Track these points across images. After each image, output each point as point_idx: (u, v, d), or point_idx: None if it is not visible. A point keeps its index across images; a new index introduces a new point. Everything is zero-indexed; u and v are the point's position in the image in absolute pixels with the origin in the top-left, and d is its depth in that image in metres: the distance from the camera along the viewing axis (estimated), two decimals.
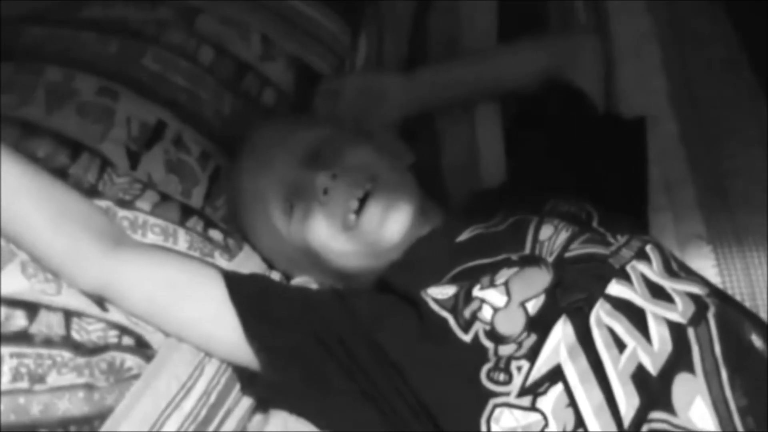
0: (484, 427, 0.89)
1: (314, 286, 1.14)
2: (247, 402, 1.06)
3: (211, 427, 1.01)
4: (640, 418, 0.84)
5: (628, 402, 0.85)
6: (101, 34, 1.21)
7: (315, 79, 1.38)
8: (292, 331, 1.01)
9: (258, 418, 1.07)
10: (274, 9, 1.37)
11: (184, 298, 1.02)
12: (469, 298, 0.96)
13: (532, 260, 0.99)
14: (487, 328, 0.93)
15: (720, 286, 1.11)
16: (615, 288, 0.93)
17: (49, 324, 0.94)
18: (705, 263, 1.16)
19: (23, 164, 0.98)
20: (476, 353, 0.92)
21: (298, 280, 1.15)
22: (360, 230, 1.06)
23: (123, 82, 1.17)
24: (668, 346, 0.88)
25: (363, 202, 1.06)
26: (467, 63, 1.35)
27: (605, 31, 1.37)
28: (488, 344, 0.92)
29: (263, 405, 1.07)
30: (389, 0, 1.49)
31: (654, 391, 0.85)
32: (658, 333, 0.88)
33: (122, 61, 1.20)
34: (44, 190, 0.99)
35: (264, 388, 1.04)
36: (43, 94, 1.11)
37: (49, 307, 0.95)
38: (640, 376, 0.86)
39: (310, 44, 1.39)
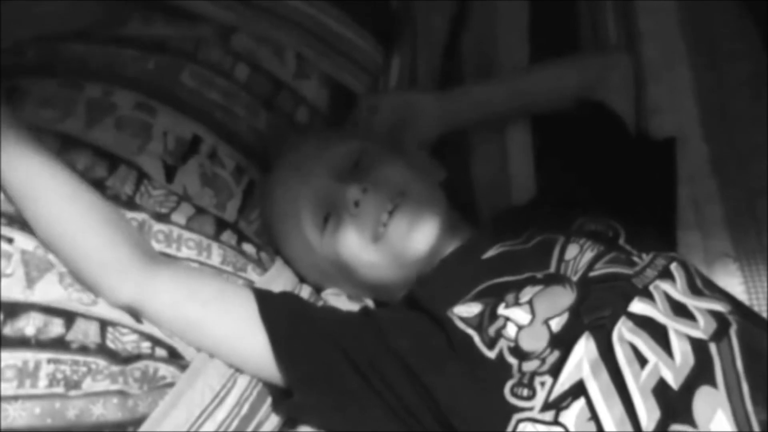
0: None
1: (344, 298, 1.16)
2: (278, 417, 1.06)
3: None
4: (661, 431, 0.84)
5: (649, 415, 0.85)
6: (140, 52, 1.24)
7: (348, 97, 1.41)
8: (322, 353, 1.02)
9: None
10: (308, 28, 1.39)
11: (216, 317, 1.04)
12: (494, 316, 0.97)
13: (557, 279, 1.00)
14: (512, 345, 0.94)
15: (747, 303, 1.11)
16: (637, 306, 0.94)
17: (85, 332, 0.96)
18: (732, 281, 1.16)
19: (69, 172, 1.01)
20: (500, 369, 0.93)
21: (328, 292, 1.17)
22: (387, 240, 1.07)
23: (160, 98, 1.19)
24: (690, 361, 0.88)
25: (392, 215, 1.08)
26: (501, 82, 1.36)
27: (636, 50, 1.38)
28: (512, 361, 0.93)
29: (293, 421, 1.07)
30: (423, 19, 1.51)
31: (675, 404, 0.86)
32: (680, 348, 0.89)
33: (160, 78, 1.22)
34: (89, 198, 1.01)
35: (294, 407, 1.05)
36: (84, 108, 1.13)
37: (86, 316, 0.97)
38: (661, 390, 0.87)
39: (343, 63, 1.41)
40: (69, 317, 0.96)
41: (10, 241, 0.97)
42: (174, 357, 1.02)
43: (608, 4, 1.45)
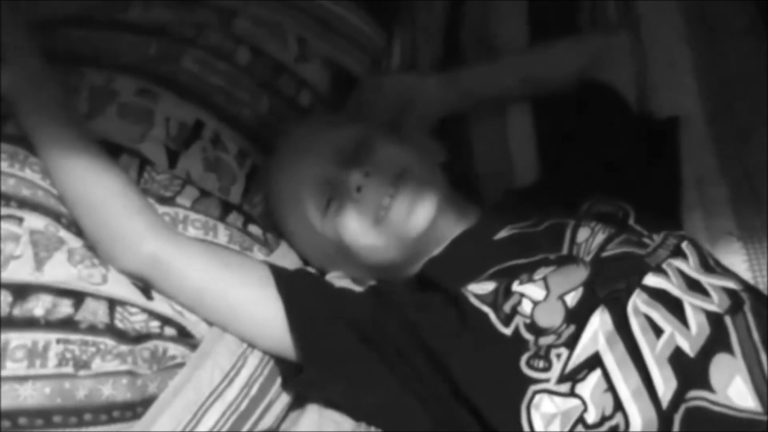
0: (524, 414, 0.90)
1: (348, 281, 1.15)
2: (287, 397, 1.06)
3: (252, 419, 1.01)
4: (678, 398, 0.85)
5: (665, 384, 0.86)
6: (141, 36, 1.23)
7: (350, 80, 1.40)
8: (336, 327, 1.02)
9: (293, 415, 1.07)
10: (308, 11, 1.39)
11: (233, 282, 1.04)
12: (508, 293, 0.97)
13: (570, 259, 1.00)
14: (528, 321, 0.94)
15: (751, 281, 1.12)
16: (651, 279, 0.94)
17: (94, 312, 0.96)
18: (736, 259, 1.16)
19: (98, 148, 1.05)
20: (517, 345, 0.94)
21: (332, 276, 1.16)
22: (388, 223, 1.07)
23: (162, 84, 1.19)
24: (706, 330, 0.89)
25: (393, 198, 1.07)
26: (501, 64, 1.35)
27: (636, 29, 1.38)
28: (528, 336, 0.94)
29: (300, 402, 1.07)
30: (423, 1, 1.51)
31: (691, 371, 0.86)
32: (696, 320, 0.90)
33: (161, 63, 1.22)
34: (115, 171, 1.04)
35: (304, 383, 1.04)
36: (87, 97, 1.13)
37: (95, 296, 0.97)
38: (677, 359, 0.87)
39: (344, 46, 1.41)
40: (78, 297, 0.96)
41: (19, 221, 0.97)
42: (184, 336, 1.02)
43: None
